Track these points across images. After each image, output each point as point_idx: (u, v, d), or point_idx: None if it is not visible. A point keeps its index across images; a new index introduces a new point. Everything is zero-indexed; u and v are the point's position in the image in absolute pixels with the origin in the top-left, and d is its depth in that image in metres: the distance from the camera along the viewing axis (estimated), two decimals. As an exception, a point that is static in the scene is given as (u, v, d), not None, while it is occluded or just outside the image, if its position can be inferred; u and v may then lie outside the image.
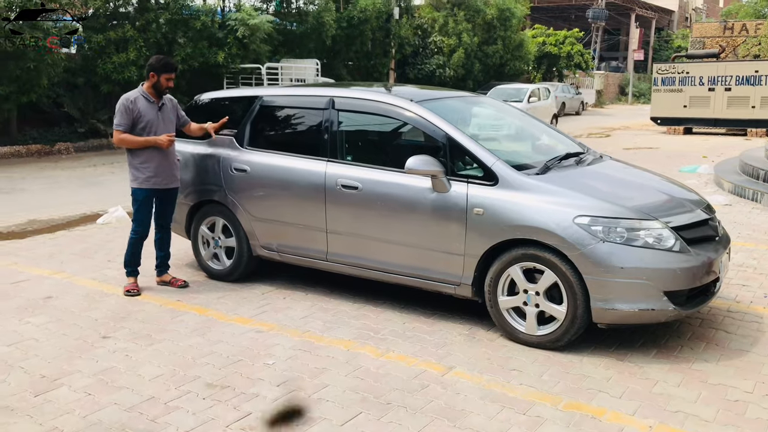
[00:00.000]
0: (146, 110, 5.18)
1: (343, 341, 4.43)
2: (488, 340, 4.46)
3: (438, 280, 4.63)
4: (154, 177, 5.25)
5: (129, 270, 5.42)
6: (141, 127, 5.17)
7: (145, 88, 5.23)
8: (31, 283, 5.63)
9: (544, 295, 4.24)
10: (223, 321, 4.79)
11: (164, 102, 5.33)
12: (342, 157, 5.04)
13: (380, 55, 24.70)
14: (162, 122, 5.28)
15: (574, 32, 37.49)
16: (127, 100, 5.13)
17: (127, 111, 5.11)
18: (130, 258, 5.39)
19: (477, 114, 5.75)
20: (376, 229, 4.82)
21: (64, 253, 6.62)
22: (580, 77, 40.11)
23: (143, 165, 5.22)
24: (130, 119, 5.13)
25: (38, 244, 7.07)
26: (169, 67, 5.24)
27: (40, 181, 11.33)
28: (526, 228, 4.21)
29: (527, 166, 4.60)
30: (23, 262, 6.30)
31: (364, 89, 5.47)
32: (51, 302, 5.16)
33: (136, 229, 5.34)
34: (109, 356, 4.18)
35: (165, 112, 5.33)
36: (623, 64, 52.45)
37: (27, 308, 5.03)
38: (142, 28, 16.07)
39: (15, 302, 5.16)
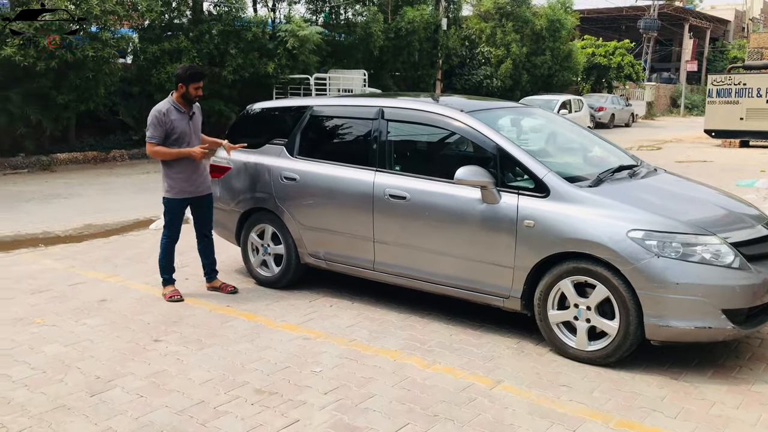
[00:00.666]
0: (178, 121, 5.23)
1: (389, 351, 4.41)
2: (537, 354, 4.39)
3: (486, 293, 4.58)
4: (187, 187, 5.32)
5: (165, 278, 5.50)
6: (174, 138, 5.23)
7: (175, 98, 5.27)
8: (87, 286, 5.79)
9: (595, 309, 4.16)
10: (271, 327, 4.83)
11: (194, 111, 5.39)
12: (390, 167, 5.05)
13: (427, 65, 24.72)
14: (193, 132, 5.35)
15: (624, 43, 36.88)
16: (159, 113, 5.19)
17: (159, 123, 5.17)
18: (165, 263, 5.47)
19: (528, 125, 5.70)
20: (423, 240, 4.80)
21: (118, 258, 6.80)
22: (630, 89, 39.38)
23: (177, 175, 5.28)
24: (163, 131, 5.19)
25: (94, 248, 7.28)
26: (197, 76, 5.25)
27: (96, 187, 11.67)
28: (577, 241, 4.14)
29: (579, 178, 4.53)
30: (80, 266, 6.48)
31: (414, 99, 5.48)
32: (106, 305, 5.30)
33: (168, 234, 5.43)
34: (161, 359, 4.26)
35: (195, 121, 5.39)
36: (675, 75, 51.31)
37: (83, 310, 5.17)
38: (195, 39, 16.46)
39: (72, 304, 5.31)
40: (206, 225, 5.59)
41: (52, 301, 5.37)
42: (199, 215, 5.53)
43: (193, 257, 5.82)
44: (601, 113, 29.18)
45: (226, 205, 5.92)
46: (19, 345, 4.47)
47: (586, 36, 38.43)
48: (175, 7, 16.46)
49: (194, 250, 5.74)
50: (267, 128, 5.99)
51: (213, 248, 5.67)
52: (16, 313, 5.09)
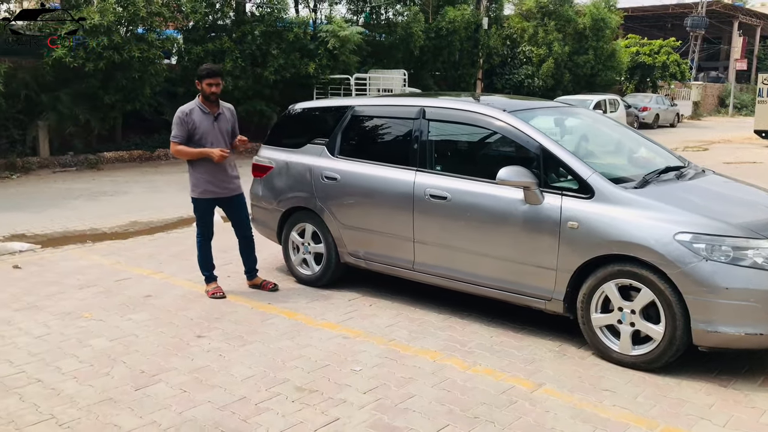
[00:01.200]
0: (201, 122, 5.26)
1: (429, 352, 4.40)
2: (579, 357, 4.32)
3: (528, 295, 4.53)
4: (211, 187, 5.35)
5: (206, 275, 5.58)
6: (197, 139, 5.27)
7: (200, 99, 5.33)
8: (132, 282, 5.92)
9: (640, 313, 4.07)
10: (311, 326, 4.86)
11: (222, 112, 5.39)
12: (431, 167, 5.03)
13: (467, 65, 24.57)
14: (219, 133, 5.34)
15: (670, 41, 36.05)
16: (182, 113, 5.24)
17: (182, 123, 5.23)
18: (203, 261, 5.55)
19: (571, 125, 5.61)
20: (464, 240, 4.77)
21: (163, 254, 6.93)
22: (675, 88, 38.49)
23: (201, 175, 5.33)
24: (186, 131, 5.24)
25: (139, 244, 7.43)
26: (211, 72, 5.25)
27: (141, 185, 11.92)
28: (622, 243, 4.06)
29: (625, 179, 4.46)
30: (125, 262, 6.63)
31: (455, 99, 5.45)
32: (150, 301, 5.40)
33: (200, 233, 5.50)
34: (204, 355, 4.33)
35: (222, 122, 5.38)
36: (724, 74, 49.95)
37: (128, 305, 5.28)
38: (238, 39, 16.67)
39: (118, 299, 5.43)
40: (243, 225, 5.62)
41: (98, 296, 5.50)
42: (233, 216, 5.58)
43: (236, 255, 5.89)
44: (645, 113, 28.62)
45: (268, 204, 5.98)
46: (68, 338, 4.59)
47: (630, 35, 37.71)
48: (218, 8, 16.69)
49: (234, 250, 5.81)
50: (308, 128, 6.03)
51: (253, 247, 5.72)
52: (65, 307, 5.23)
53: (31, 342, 4.51)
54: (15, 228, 8.21)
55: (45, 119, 13.77)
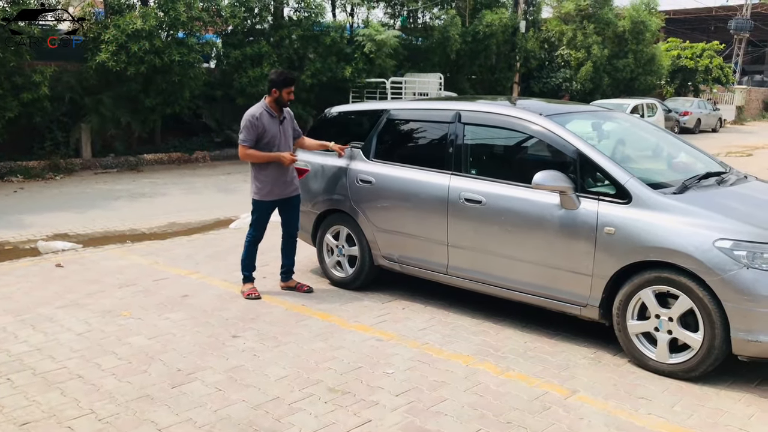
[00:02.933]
0: (270, 125, 5.35)
1: (461, 356, 4.39)
2: (614, 365, 4.27)
3: (563, 300, 4.50)
4: (274, 190, 5.45)
5: (246, 275, 5.65)
6: (265, 142, 5.36)
7: (268, 102, 5.40)
8: (170, 282, 6.03)
9: (677, 321, 4.01)
10: (344, 327, 4.90)
11: (285, 116, 5.51)
12: (466, 171, 5.03)
13: (504, 68, 24.42)
14: (284, 136, 5.46)
15: (713, 44, 35.29)
16: (253, 117, 5.32)
17: (253, 127, 5.31)
18: (246, 260, 5.63)
19: (609, 129, 5.55)
20: (499, 245, 4.76)
21: (200, 255, 7.04)
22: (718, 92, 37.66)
23: (266, 178, 5.41)
24: (255, 135, 5.32)
25: (176, 245, 7.57)
26: (290, 81, 5.38)
27: (180, 187, 12.14)
28: (660, 250, 4.00)
29: (664, 184, 4.40)
30: (163, 262, 6.76)
31: (491, 103, 5.44)
32: (187, 300, 5.50)
33: (253, 233, 5.58)
34: (239, 355, 4.39)
35: (286, 125, 5.50)
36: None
37: (166, 305, 5.39)
38: (276, 44, 16.86)
39: (156, 299, 5.54)
40: (293, 225, 5.71)
41: (137, 295, 5.62)
42: (286, 215, 5.66)
43: (273, 257, 5.96)
44: (686, 118, 28.05)
45: (304, 207, 6.02)
46: (108, 336, 4.70)
47: (671, 38, 37.01)
48: (257, 13, 16.90)
49: (275, 250, 5.88)
50: (344, 131, 6.07)
51: (295, 250, 5.80)
52: (105, 305, 5.36)
53: (72, 339, 4.64)
54: (58, 227, 8.44)
55: (88, 122, 14.12)
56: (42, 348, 4.47)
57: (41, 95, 12.51)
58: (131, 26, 13.35)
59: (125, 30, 13.33)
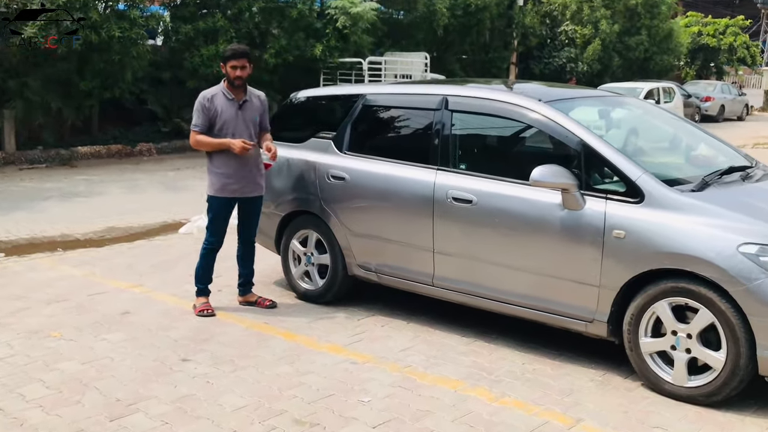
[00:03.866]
0: (224, 109, 5.33)
1: (449, 380, 4.41)
2: (625, 389, 4.31)
3: (566, 315, 4.53)
4: (231, 184, 5.40)
5: (200, 288, 5.61)
6: (218, 128, 5.34)
7: (225, 84, 5.41)
8: (107, 297, 5.98)
9: (697, 338, 4.06)
10: (313, 349, 4.89)
11: (248, 99, 5.46)
12: (455, 166, 5.06)
13: (500, 47, 24.59)
14: (242, 123, 5.40)
15: (738, 20, 35.86)
16: (204, 98, 5.32)
17: (204, 110, 5.30)
18: (201, 272, 5.59)
19: (619, 117, 5.63)
20: (492, 251, 4.79)
21: (143, 265, 6.99)
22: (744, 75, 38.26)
23: (220, 170, 5.38)
24: (207, 119, 5.31)
25: (116, 253, 7.51)
26: (233, 53, 5.33)
27: (120, 185, 12.05)
28: (677, 256, 4.05)
29: (681, 181, 4.46)
30: (100, 273, 6.70)
31: (483, 87, 5.50)
32: (128, 318, 5.46)
33: (209, 240, 5.54)
34: (189, 381, 4.36)
35: (247, 111, 5.44)
36: (801, 58, 49.57)
37: (103, 324, 5.34)
38: (233, 17, 16.77)
39: (91, 316, 5.49)
40: (251, 231, 5.69)
41: (69, 313, 5.56)
42: (244, 219, 5.63)
43: (228, 266, 5.93)
44: (707, 104, 28.43)
45: (266, 208, 5.99)
46: (34, 361, 4.65)
47: (690, 12, 37.52)
48: (211, -19, 16.85)
49: (230, 259, 5.85)
50: (313, 120, 6.08)
51: (254, 258, 5.77)
52: (31, 325, 5.29)
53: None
54: (-25, 233, 8.33)
55: (11, 108, 13.94)
56: (-45, 376, 4.40)
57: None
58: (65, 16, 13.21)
59: (55, 0, 13.19)
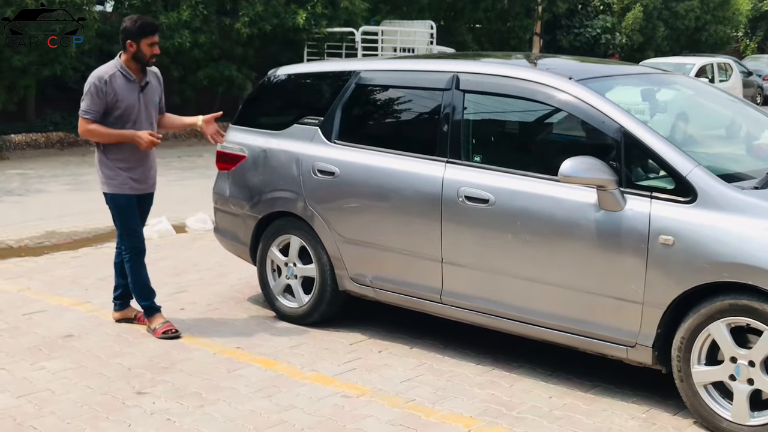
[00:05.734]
0: (124, 92, 5.34)
1: (462, 418, 4.42)
2: (674, 428, 4.32)
3: (603, 338, 4.54)
4: (130, 181, 5.46)
5: (146, 306, 5.62)
6: (117, 115, 5.35)
7: (123, 61, 5.39)
8: (47, 316, 5.98)
9: (761, 366, 4.06)
10: (296, 379, 4.90)
11: (149, 80, 5.49)
12: (467, 158, 5.07)
13: (521, 14, 24.66)
14: (144, 108, 5.44)
15: (809, -18, 35.99)
16: (100, 80, 5.28)
17: (99, 93, 5.27)
18: (140, 287, 5.59)
19: (665, 99, 5.64)
20: (512, 261, 4.80)
21: (90, 278, 6.99)
22: (817, 48, 38.41)
23: (120, 164, 5.41)
24: (103, 104, 5.29)
25: (57, 263, 7.51)
26: (149, 28, 5.38)
27: (62, 180, 12.06)
28: (738, 267, 4.06)
29: (741, 176, 4.48)
30: (38, 288, 6.70)
31: (501, 63, 5.52)
32: (72, 342, 5.45)
33: (130, 246, 5.54)
34: (146, 419, 4.36)
35: (149, 93, 5.49)
36: None
37: (41, 349, 5.33)
38: (199, -22, 16.83)
39: (27, 340, 5.48)
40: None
41: (1, 336, 5.55)
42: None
43: (189, 279, 5.93)
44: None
45: (238, 208, 6.03)
46: (-42, 394, 4.65)
47: (751, -28, 37.65)
48: (172, -66, 16.88)
49: (195, 269, 5.85)
50: (295, 102, 6.09)
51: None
52: (-47, 350, 5.29)
53: None
54: None
55: (-71, 88, 13.97)
56: None
57: None
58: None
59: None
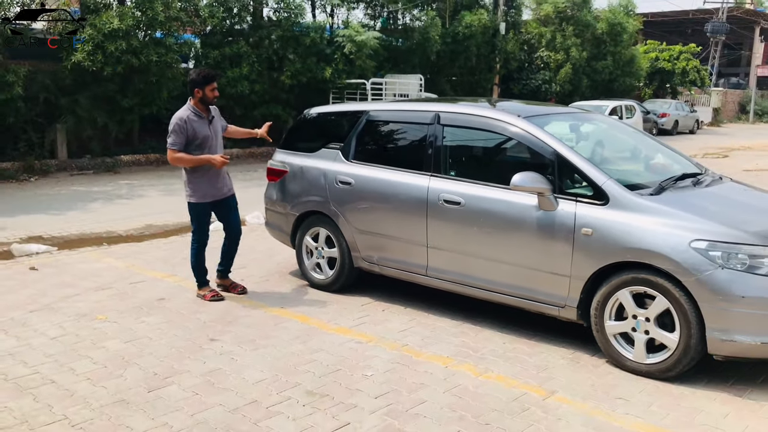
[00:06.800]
0: (199, 127, 5.30)
1: (441, 358, 4.40)
2: (592, 365, 4.30)
3: (542, 301, 4.52)
4: (209, 191, 5.41)
5: (200, 281, 5.61)
6: (197, 144, 5.29)
7: (193, 104, 5.35)
8: (146, 285, 5.98)
9: (654, 321, 4.05)
10: (323, 330, 4.88)
11: (213, 115, 5.46)
12: (445, 172, 5.04)
13: (484, 70, 24.54)
14: (214, 136, 5.41)
15: (690, 47, 35.76)
16: (181, 120, 5.25)
17: (181, 130, 5.24)
18: (198, 267, 5.58)
19: (587, 131, 5.60)
20: (478, 246, 4.78)
21: (177, 258, 6.98)
22: (695, 94, 38.19)
23: (199, 181, 5.37)
24: (185, 138, 5.25)
25: (153, 248, 7.50)
26: (211, 77, 5.34)
27: (157, 188, 12.03)
28: (637, 251, 4.04)
29: (640, 185, 4.44)
30: (140, 265, 6.69)
31: (470, 104, 5.47)
32: (164, 303, 5.45)
33: (198, 239, 5.52)
34: (216, 358, 4.36)
35: (215, 124, 5.46)
36: (745, 80, 49.44)
37: (142, 308, 5.33)
38: (255, 44, 16.77)
39: (132, 302, 5.48)
40: (234, 226, 5.65)
41: (113, 299, 5.56)
42: (225, 218, 5.60)
43: (252, 258, 5.92)
44: (663, 119, 28.39)
45: (282, 208, 6.02)
46: (83, 340, 4.64)
47: (649, 41, 37.46)
48: (236, 13, 16.80)
49: (252, 252, 5.84)
50: (323, 132, 6.06)
51: (236, 251, 5.73)
52: (80, 309, 5.29)
53: (46, 343, 4.57)
54: (32, 230, 8.32)
55: (63, 122, 13.93)
56: (14, 353, 4.40)
57: (14, 95, 12.32)
58: (108, 26, 13.19)
59: (102, 29, 13.18)
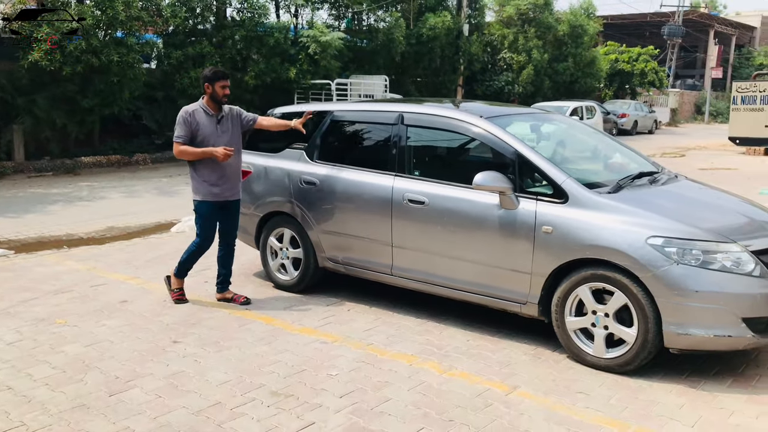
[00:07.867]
0: (204, 123, 5.19)
1: (405, 356, 4.42)
2: (554, 361, 4.36)
3: (504, 298, 4.58)
4: (213, 189, 5.25)
5: (179, 271, 5.47)
6: (199, 141, 5.19)
7: (204, 101, 5.26)
8: (108, 288, 5.87)
9: (613, 316, 4.13)
10: (288, 331, 4.86)
11: (224, 114, 5.31)
12: (409, 172, 5.06)
13: (449, 71, 24.70)
14: (221, 135, 5.25)
15: (648, 49, 36.53)
16: (186, 113, 5.17)
17: (186, 123, 5.15)
18: (184, 263, 5.44)
19: (548, 131, 5.68)
20: (441, 245, 4.80)
21: (139, 260, 6.88)
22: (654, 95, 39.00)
23: (203, 177, 5.24)
24: (189, 131, 5.16)
25: (115, 250, 7.37)
26: (221, 74, 5.23)
27: (119, 190, 11.83)
28: (596, 248, 4.12)
29: (599, 184, 4.52)
30: (101, 267, 6.57)
31: (434, 105, 5.50)
32: (126, 306, 5.36)
33: (200, 243, 5.36)
34: (179, 360, 4.31)
35: (225, 124, 5.30)
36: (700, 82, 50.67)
37: (104, 311, 5.24)
38: (218, 44, 16.61)
39: (93, 305, 5.38)
40: (232, 233, 5.50)
41: (73, 302, 5.45)
42: (225, 222, 5.44)
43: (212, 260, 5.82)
44: (623, 120, 28.93)
45: (246, 209, 5.96)
46: (41, 345, 4.54)
47: (609, 42, 38.14)
48: (199, 13, 16.62)
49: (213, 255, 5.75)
50: (287, 132, 6.02)
51: (233, 258, 5.57)
52: (38, 313, 5.17)
53: (2, 348, 4.46)
54: (-11, 233, 8.10)
55: (20, 123, 13.61)
56: (-30, 359, 4.28)
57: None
58: (66, 24, 12.92)
59: (60, 28, 12.90)
